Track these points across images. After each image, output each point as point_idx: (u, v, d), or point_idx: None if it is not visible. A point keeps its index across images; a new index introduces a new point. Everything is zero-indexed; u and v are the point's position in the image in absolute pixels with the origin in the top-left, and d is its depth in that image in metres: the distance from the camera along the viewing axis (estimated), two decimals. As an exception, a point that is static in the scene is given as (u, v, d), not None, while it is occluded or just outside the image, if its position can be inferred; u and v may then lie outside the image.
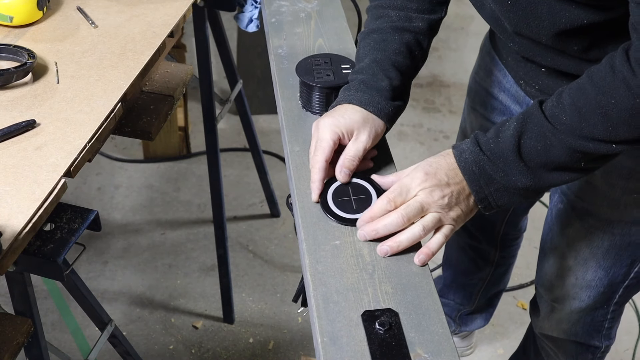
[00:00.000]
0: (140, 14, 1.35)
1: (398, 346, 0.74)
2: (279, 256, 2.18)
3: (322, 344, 0.75)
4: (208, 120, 1.72)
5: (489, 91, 1.27)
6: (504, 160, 0.86)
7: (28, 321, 0.98)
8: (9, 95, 1.13)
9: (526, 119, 0.86)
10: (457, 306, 1.76)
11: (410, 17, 1.04)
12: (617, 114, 0.80)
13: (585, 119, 0.82)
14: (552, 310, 1.37)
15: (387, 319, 0.76)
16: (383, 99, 0.97)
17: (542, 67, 1.04)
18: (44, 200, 0.95)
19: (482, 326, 1.84)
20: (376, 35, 1.04)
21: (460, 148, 0.89)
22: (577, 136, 0.82)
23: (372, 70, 0.99)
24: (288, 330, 1.96)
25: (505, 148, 0.86)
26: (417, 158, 2.60)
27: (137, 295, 2.03)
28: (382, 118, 0.97)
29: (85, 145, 1.04)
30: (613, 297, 1.27)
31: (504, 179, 0.87)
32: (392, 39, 1.02)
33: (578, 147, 0.83)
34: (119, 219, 2.27)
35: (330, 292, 0.81)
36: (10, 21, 1.26)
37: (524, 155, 0.85)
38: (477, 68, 1.32)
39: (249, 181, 2.44)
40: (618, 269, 1.21)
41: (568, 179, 0.87)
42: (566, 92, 0.85)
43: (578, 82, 0.85)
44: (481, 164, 0.87)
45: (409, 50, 1.02)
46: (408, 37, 1.03)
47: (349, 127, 0.94)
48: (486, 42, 1.28)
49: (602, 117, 0.81)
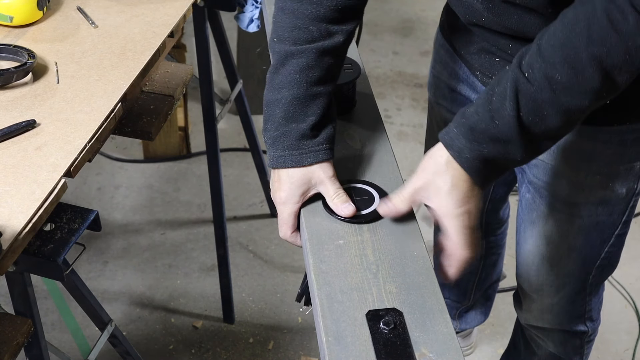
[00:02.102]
0: (140, 14, 1.35)
1: (403, 346, 0.74)
2: (279, 256, 2.18)
3: (326, 344, 0.74)
4: (208, 120, 1.72)
5: (448, 84, 1.26)
6: (509, 142, 0.83)
7: (28, 321, 0.98)
8: (9, 95, 1.13)
9: (517, 92, 0.81)
10: (454, 304, 1.76)
11: (330, 32, 0.93)
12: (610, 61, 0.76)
13: (580, 73, 0.78)
14: (533, 301, 1.38)
15: (391, 319, 0.76)
16: (312, 144, 0.92)
17: (497, 56, 1.04)
18: (44, 200, 0.95)
19: (481, 322, 1.84)
20: (297, 60, 0.92)
21: (455, 147, 0.86)
22: (568, 95, 0.79)
23: (294, 109, 0.92)
24: (288, 330, 1.96)
25: (507, 130, 0.82)
26: (417, 158, 2.60)
27: (137, 295, 2.03)
28: (321, 160, 0.92)
29: (85, 145, 1.04)
30: (587, 279, 1.28)
31: (504, 156, 0.84)
32: (315, 65, 0.92)
33: (566, 107, 0.80)
34: (119, 219, 2.27)
35: (335, 292, 0.80)
36: (10, 21, 1.25)
37: (529, 130, 0.82)
38: (433, 62, 1.31)
39: (249, 181, 2.43)
40: (588, 250, 1.22)
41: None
42: (546, 45, 0.80)
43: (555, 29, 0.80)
44: (484, 155, 0.84)
45: (330, 76, 0.94)
46: (328, 60, 0.93)
47: (304, 191, 0.93)
48: (438, 36, 1.26)
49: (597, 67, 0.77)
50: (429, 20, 3.45)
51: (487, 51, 1.07)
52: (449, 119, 1.28)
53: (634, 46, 0.75)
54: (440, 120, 1.34)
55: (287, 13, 0.93)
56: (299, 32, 0.92)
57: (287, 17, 0.93)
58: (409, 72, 3.08)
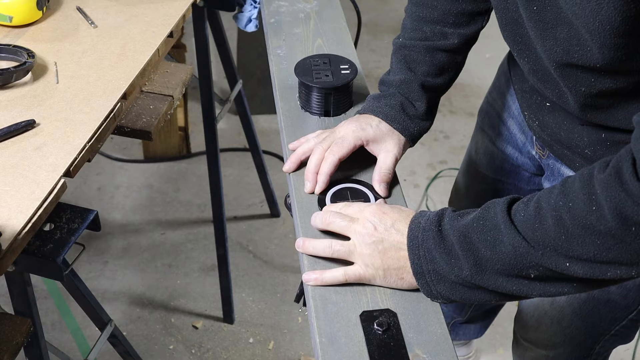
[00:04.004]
0: (140, 14, 1.35)
1: (396, 347, 0.74)
2: (279, 256, 2.18)
3: (320, 345, 0.75)
4: (208, 120, 1.72)
5: (499, 114, 1.21)
6: (451, 240, 0.76)
7: (28, 321, 0.98)
8: (8, 95, 1.13)
9: (490, 205, 0.77)
10: (450, 313, 1.72)
11: (445, 33, 1.01)
12: (571, 221, 0.68)
13: (540, 220, 0.71)
14: (526, 350, 1.34)
15: (385, 320, 0.76)
16: (409, 119, 0.97)
17: (547, 100, 0.97)
18: (44, 200, 0.95)
19: (476, 337, 1.78)
20: (407, 51, 1.02)
21: (423, 212, 0.82)
22: (528, 237, 0.71)
23: (401, 90, 0.99)
24: (288, 330, 1.96)
25: (456, 227, 0.76)
26: (417, 158, 2.60)
27: (137, 295, 2.03)
28: (407, 137, 0.97)
29: (85, 145, 1.04)
30: (593, 348, 1.24)
31: (444, 259, 0.76)
32: (423, 60, 1.01)
33: (525, 248, 0.71)
34: (119, 219, 2.27)
35: (329, 293, 0.81)
36: (9, 21, 1.26)
37: (472, 240, 0.74)
38: (491, 87, 1.26)
39: (249, 181, 2.44)
40: (597, 320, 1.17)
41: (515, 290, 0.74)
42: (539, 193, 0.75)
43: (552, 185, 0.75)
44: (426, 234, 0.78)
45: (440, 71, 1.01)
46: (440, 57, 1.01)
47: (375, 137, 0.95)
48: (504, 62, 1.20)
49: (555, 222, 0.70)
50: (429, 21, 3.45)
51: (539, 93, 0.99)
52: (488, 149, 1.27)
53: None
54: (480, 147, 1.29)
55: (408, 16, 1.06)
56: (414, 33, 1.03)
57: (408, 20, 1.06)
58: (410, 73, 3.07)
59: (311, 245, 0.84)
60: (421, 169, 2.56)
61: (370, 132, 0.95)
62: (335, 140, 0.95)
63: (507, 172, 1.24)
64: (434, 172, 2.55)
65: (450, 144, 2.69)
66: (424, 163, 2.59)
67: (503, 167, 1.24)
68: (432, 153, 2.64)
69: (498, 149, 1.23)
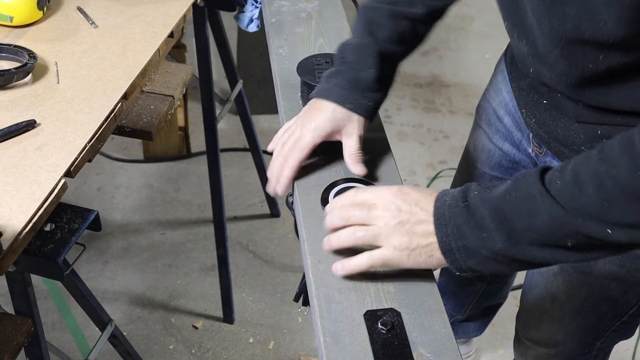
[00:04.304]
0: (140, 14, 1.35)
1: (400, 346, 0.74)
2: (279, 256, 2.18)
3: (324, 344, 0.75)
4: (208, 120, 1.72)
5: (496, 111, 1.21)
6: (481, 213, 0.75)
7: (28, 321, 0.98)
8: (9, 95, 1.13)
9: (521, 176, 0.76)
10: (449, 312, 1.72)
11: (413, 1, 0.99)
12: (613, 188, 0.68)
13: (579, 187, 0.70)
14: (528, 348, 1.34)
15: (389, 319, 0.76)
16: (361, 94, 0.95)
17: (544, 98, 0.98)
18: (44, 200, 0.95)
19: (476, 335, 1.79)
20: (371, 14, 0.99)
21: (446, 190, 0.81)
22: (567, 206, 0.70)
23: (358, 55, 0.97)
24: (288, 330, 1.96)
25: (487, 199, 0.75)
26: (417, 158, 2.60)
27: (137, 295, 2.03)
28: (362, 114, 0.96)
29: (86, 145, 1.04)
30: (594, 344, 1.23)
31: (474, 233, 0.75)
32: (387, 24, 0.98)
33: (563, 216, 0.70)
34: (119, 219, 2.27)
35: (333, 292, 0.80)
36: (10, 21, 1.26)
37: (505, 212, 0.73)
38: (488, 85, 1.26)
39: (249, 181, 2.44)
40: (597, 317, 1.17)
41: (549, 259, 0.74)
42: (573, 160, 0.74)
43: (588, 152, 0.74)
44: (454, 210, 0.77)
45: (401, 39, 0.99)
46: (404, 24, 0.98)
47: (332, 129, 0.95)
48: (502, 60, 1.21)
49: (596, 189, 0.69)
50: (429, 21, 3.45)
51: (537, 90, 0.99)
52: (486, 146, 1.26)
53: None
54: (478, 144, 1.29)
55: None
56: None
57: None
58: (409, 72, 3.08)
59: (335, 236, 0.82)
60: (421, 169, 2.56)
61: (326, 127, 0.94)
62: (295, 143, 0.95)
63: (504, 168, 1.24)
64: (434, 172, 2.55)
65: (450, 144, 2.69)
66: (424, 163, 2.59)
67: (500, 163, 1.24)
68: (432, 153, 2.64)
69: (495, 145, 1.23)
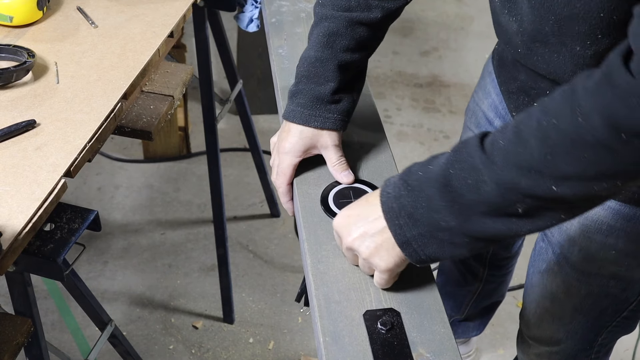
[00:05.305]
0: (140, 14, 1.35)
1: (400, 346, 0.74)
2: (279, 256, 2.18)
3: (324, 344, 0.75)
4: (208, 120, 1.72)
5: (485, 114, 1.21)
6: (428, 193, 0.73)
7: (28, 321, 0.98)
8: (9, 95, 1.13)
9: (462, 146, 0.73)
10: (448, 312, 1.71)
11: (370, 5, 0.96)
12: (556, 136, 0.65)
13: (523, 143, 0.67)
14: (530, 347, 1.34)
15: (389, 319, 0.76)
16: (324, 109, 0.95)
17: (535, 100, 0.97)
18: (44, 200, 0.95)
19: (475, 334, 1.79)
20: (328, 24, 0.96)
21: (388, 180, 0.79)
22: (510, 164, 0.68)
23: (316, 69, 0.95)
24: (288, 330, 1.96)
25: (431, 178, 0.74)
26: (417, 158, 2.59)
27: (137, 295, 2.03)
28: (329, 128, 0.95)
29: (85, 145, 1.04)
30: (596, 340, 1.24)
31: (425, 216, 0.73)
32: (344, 33, 0.95)
33: (509, 180, 0.68)
34: (119, 219, 2.27)
35: (332, 292, 0.80)
36: (10, 21, 1.26)
37: (453, 188, 0.72)
38: (477, 87, 1.26)
39: (249, 181, 2.44)
40: (597, 314, 1.17)
41: (504, 230, 0.71)
42: (514, 119, 0.71)
43: (528, 109, 0.71)
44: (401, 200, 0.75)
45: (360, 46, 0.97)
46: (361, 31, 0.96)
47: (306, 148, 0.96)
48: (488, 63, 1.21)
49: (539, 141, 0.66)
50: (428, 20, 3.45)
51: (527, 93, 0.99)
52: None
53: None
54: None
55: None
56: (339, 0, 0.96)
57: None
58: (409, 72, 3.08)
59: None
60: (421, 168, 2.56)
61: (299, 148, 0.96)
62: (277, 171, 0.98)
63: None
64: (434, 172, 2.54)
65: (450, 144, 2.69)
66: (424, 163, 2.59)
67: None
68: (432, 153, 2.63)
69: None
